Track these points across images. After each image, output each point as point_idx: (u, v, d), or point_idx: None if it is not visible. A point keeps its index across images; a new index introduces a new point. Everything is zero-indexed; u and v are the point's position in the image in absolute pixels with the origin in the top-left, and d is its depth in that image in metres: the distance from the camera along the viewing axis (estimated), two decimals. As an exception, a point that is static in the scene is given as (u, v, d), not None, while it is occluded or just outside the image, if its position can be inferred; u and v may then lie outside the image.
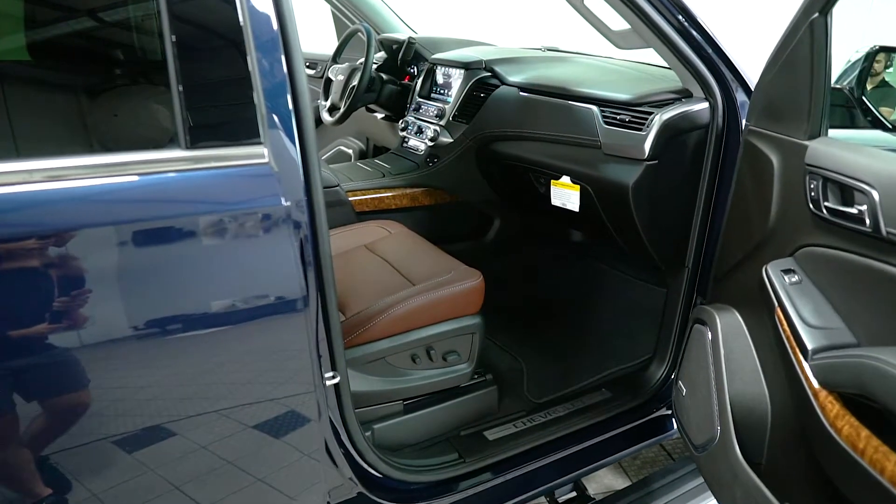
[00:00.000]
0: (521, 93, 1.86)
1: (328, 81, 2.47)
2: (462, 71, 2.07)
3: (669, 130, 1.51)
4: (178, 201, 0.89)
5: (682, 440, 1.57)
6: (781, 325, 1.18)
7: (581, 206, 1.72)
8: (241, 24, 0.92)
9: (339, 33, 2.94)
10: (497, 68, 1.99)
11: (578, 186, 1.69)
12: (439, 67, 2.21)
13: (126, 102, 0.97)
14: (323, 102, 2.46)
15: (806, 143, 1.18)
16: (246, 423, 1.04)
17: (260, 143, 0.93)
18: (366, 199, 1.95)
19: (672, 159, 1.55)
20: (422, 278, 1.54)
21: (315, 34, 3.63)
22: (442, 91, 2.19)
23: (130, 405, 0.93)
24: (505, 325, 2.02)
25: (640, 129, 1.53)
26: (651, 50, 1.57)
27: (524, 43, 2.53)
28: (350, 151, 3.04)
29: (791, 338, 1.15)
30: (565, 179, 1.73)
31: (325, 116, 2.41)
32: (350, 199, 1.92)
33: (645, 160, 1.52)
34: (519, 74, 1.93)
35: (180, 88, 0.88)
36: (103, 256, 0.85)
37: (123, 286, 0.86)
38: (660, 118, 1.50)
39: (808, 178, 1.15)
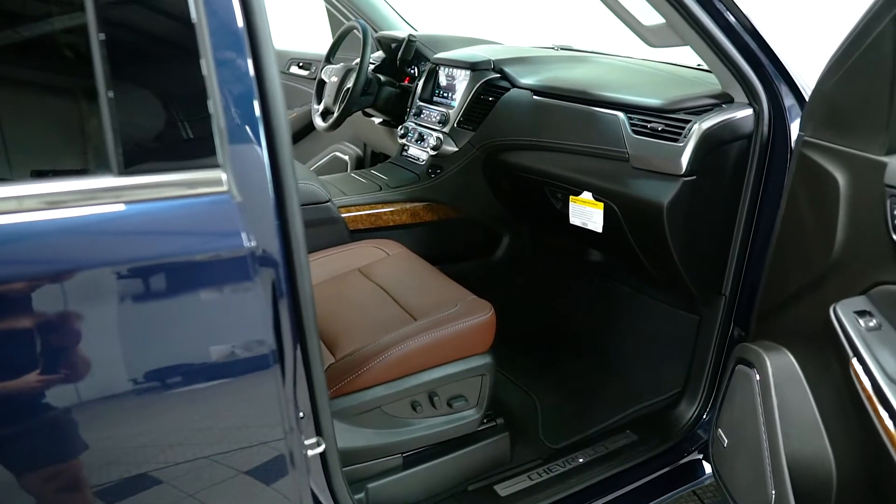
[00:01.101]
0: (535, 96, 1.66)
1: (321, 83, 2.27)
2: (468, 72, 1.87)
3: (710, 141, 1.31)
4: (105, 245, 0.68)
5: (721, 495, 1.37)
6: (857, 378, 0.98)
7: (604, 226, 1.51)
8: (194, 17, 0.72)
9: (334, 31, 2.74)
10: (507, 69, 1.79)
11: (602, 204, 1.49)
12: (442, 68, 2.01)
13: (41, 114, 0.78)
14: (315, 106, 2.26)
15: (884, 159, 0.98)
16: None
17: (217, 166, 0.73)
18: (360, 215, 1.74)
19: (711, 174, 1.35)
20: (424, 312, 1.34)
21: (309, 32, 3.44)
22: (445, 94, 1.98)
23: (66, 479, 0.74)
24: (515, 355, 1.81)
25: (675, 140, 1.33)
26: (681, 49, 1.38)
27: (532, 42, 2.32)
28: (346, 158, 2.84)
29: (872, 395, 0.95)
30: (586, 196, 1.52)
31: (318, 122, 2.21)
32: (343, 215, 1.71)
33: (682, 176, 1.31)
34: (532, 76, 1.72)
35: (111, 95, 0.68)
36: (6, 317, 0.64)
37: (30, 351, 0.66)
38: (699, 127, 1.30)
39: (889, 201, 0.95)
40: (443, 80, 2.01)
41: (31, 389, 0.67)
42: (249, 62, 0.77)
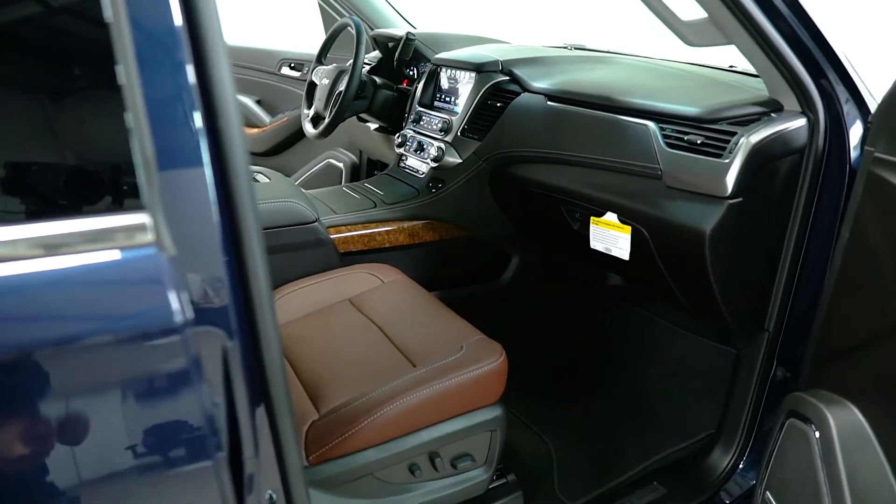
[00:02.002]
0: (549, 102, 1.46)
1: (311, 86, 2.08)
2: (473, 74, 1.67)
3: (759, 158, 1.11)
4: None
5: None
6: None
7: (630, 253, 1.31)
8: (109, 15, 0.53)
9: (327, 29, 2.54)
10: (517, 71, 1.59)
11: (629, 228, 1.29)
12: (444, 70, 1.81)
13: None
14: (305, 111, 2.07)
15: None
16: None
17: (139, 208, 0.54)
18: (352, 236, 1.54)
19: (759, 196, 1.15)
20: (424, 356, 1.15)
21: (301, 30, 3.24)
22: (448, 98, 1.79)
23: None
24: (526, 391, 1.62)
25: (717, 156, 1.13)
26: (709, 50, 1.19)
27: (540, 42, 2.12)
28: (340, 165, 2.65)
29: None
30: (611, 217, 1.32)
31: (308, 128, 2.01)
32: (332, 236, 1.52)
33: (727, 198, 1.12)
34: (545, 79, 1.53)
35: None
36: None
37: None
38: (747, 141, 1.10)
39: None
40: (444, 83, 1.81)
41: None
42: (190, 67, 0.57)
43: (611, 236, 1.33)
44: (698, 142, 1.16)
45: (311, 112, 2.04)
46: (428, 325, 1.26)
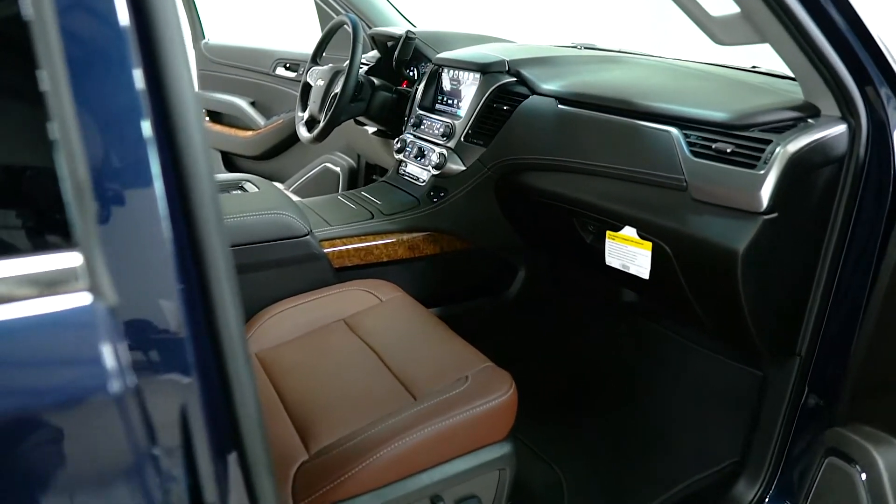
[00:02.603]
0: (561, 105, 1.35)
1: (306, 87, 1.97)
2: (477, 75, 1.56)
3: (798, 169, 1.00)
4: None
5: None
6: None
7: (650, 271, 1.20)
8: (28, 12, 0.42)
9: (323, 28, 2.44)
10: (525, 71, 1.48)
11: (650, 244, 1.18)
12: (446, 70, 1.70)
13: None
14: (300, 114, 1.96)
15: None
16: None
17: (69, 246, 0.43)
18: (348, 249, 1.43)
19: (795, 210, 1.04)
20: (426, 387, 1.04)
21: (298, 29, 3.14)
22: (450, 101, 1.68)
23: None
24: (534, 414, 1.51)
25: (750, 166, 1.02)
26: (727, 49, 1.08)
27: (542, 42, 2.01)
28: (337, 170, 2.54)
29: None
30: (629, 232, 1.21)
31: (302, 132, 1.90)
32: (326, 250, 1.41)
33: (762, 214, 1.01)
34: (556, 80, 1.42)
35: None
36: None
37: None
38: (785, 151, 0.99)
39: None
40: (446, 85, 1.70)
41: None
42: (137, 71, 0.46)
43: (629, 252, 1.22)
44: (728, 150, 1.05)
45: (306, 115, 1.93)
46: (429, 351, 1.15)
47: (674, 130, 1.13)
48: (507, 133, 1.45)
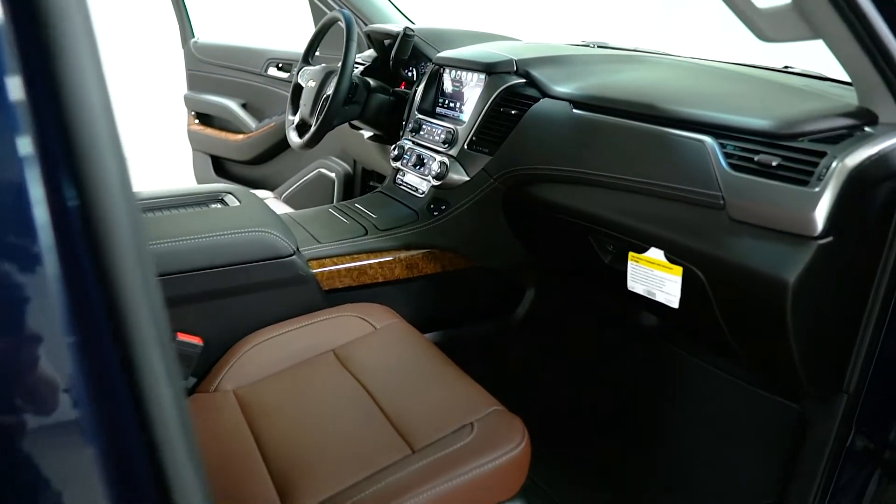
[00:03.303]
0: (576, 110, 1.21)
1: (297, 89, 1.83)
2: (482, 76, 1.42)
3: (857, 185, 0.86)
4: None
5: None
6: None
7: (680, 299, 1.06)
8: None
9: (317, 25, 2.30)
10: (535, 72, 1.33)
11: (680, 269, 1.04)
12: (448, 70, 1.56)
13: None
14: (290, 117, 1.82)
15: None
16: None
17: None
18: (339, 270, 1.29)
19: (851, 232, 0.90)
20: (426, 437, 0.90)
21: (293, 27, 3.00)
22: (452, 104, 1.53)
23: None
24: (545, 450, 1.37)
25: (801, 182, 0.88)
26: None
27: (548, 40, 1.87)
28: (332, 176, 2.40)
29: None
30: (655, 254, 1.07)
31: (292, 137, 1.76)
32: (314, 271, 1.26)
33: (817, 238, 0.87)
34: (570, 81, 1.28)
35: None
36: None
37: None
38: (843, 165, 0.85)
39: None
40: (448, 86, 1.56)
41: None
42: (14, 78, 0.32)
43: (655, 277, 1.08)
44: (773, 164, 0.91)
45: (296, 119, 1.80)
46: (429, 391, 1.01)
47: (708, 140, 0.99)
48: (515, 140, 1.31)
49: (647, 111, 1.08)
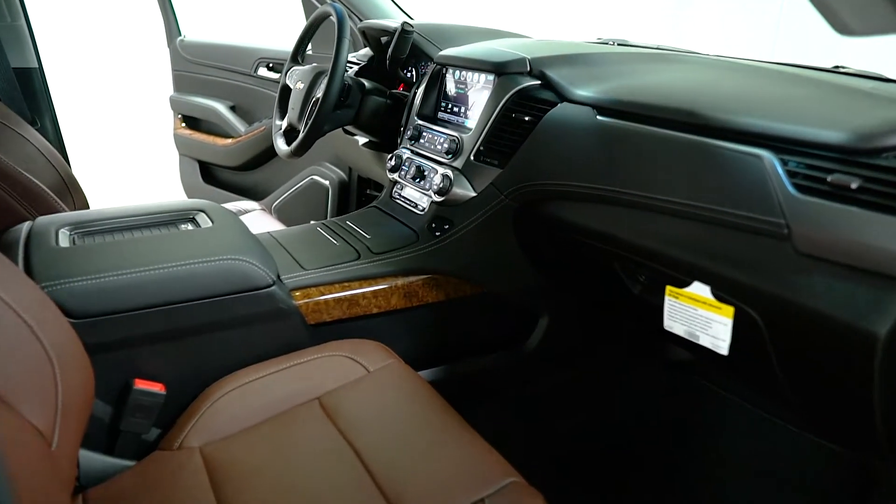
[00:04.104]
0: (601, 117, 1.04)
1: (285, 91, 1.67)
2: (491, 77, 1.25)
3: None
4: None
5: None
6: None
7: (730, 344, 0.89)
8: None
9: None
10: (552, 73, 1.16)
11: (731, 309, 0.87)
12: (452, 70, 1.39)
13: None
14: (278, 122, 1.66)
15: None
16: None
17: None
18: (326, 300, 1.12)
19: None
20: None
21: (288, 24, 2.84)
22: (456, 109, 1.37)
23: None
24: (558, 495, 1.20)
25: (889, 210, 0.71)
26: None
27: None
28: (326, 183, 2.24)
29: None
30: (700, 290, 0.90)
31: (279, 144, 1.60)
32: (298, 302, 1.10)
33: (915, 280, 0.70)
34: (593, 83, 1.11)
35: None
36: None
37: None
38: None
39: None
40: (451, 89, 1.39)
41: None
42: None
43: (699, 318, 0.91)
44: (852, 186, 0.74)
45: (284, 124, 1.63)
46: (432, 455, 0.84)
47: (766, 154, 0.82)
48: (529, 151, 1.14)
49: (689, 119, 0.91)
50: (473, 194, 1.21)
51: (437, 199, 1.24)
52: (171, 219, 1.18)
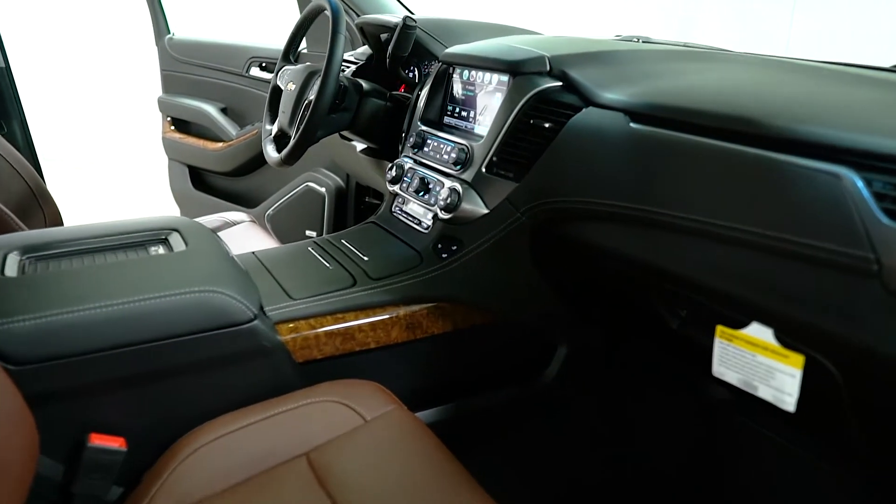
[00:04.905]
0: (635, 124, 0.89)
1: (276, 93, 1.53)
2: (506, 77, 1.10)
3: None
4: None
5: None
6: None
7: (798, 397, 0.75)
8: None
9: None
10: (575, 73, 1.02)
11: (801, 358, 0.72)
12: (459, 70, 1.24)
13: None
14: (268, 127, 1.52)
15: None
16: None
17: None
18: (317, 334, 0.98)
19: None
20: None
21: (283, 20, 2.69)
22: (465, 113, 1.22)
23: None
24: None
25: None
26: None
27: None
28: (322, 191, 2.10)
29: None
30: (759, 333, 0.75)
31: (269, 151, 1.46)
32: (284, 337, 0.95)
33: None
34: (624, 85, 0.96)
35: None
36: None
37: None
38: None
39: None
40: (459, 91, 1.24)
41: None
42: None
43: (758, 366, 0.76)
44: (964, 212, 0.60)
45: (275, 129, 1.49)
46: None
47: (845, 172, 0.67)
48: (550, 162, 0.99)
49: (746, 128, 0.76)
50: (485, 211, 1.06)
51: (444, 216, 1.09)
52: (140, 240, 1.04)
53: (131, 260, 0.96)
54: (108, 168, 4.51)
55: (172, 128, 2.55)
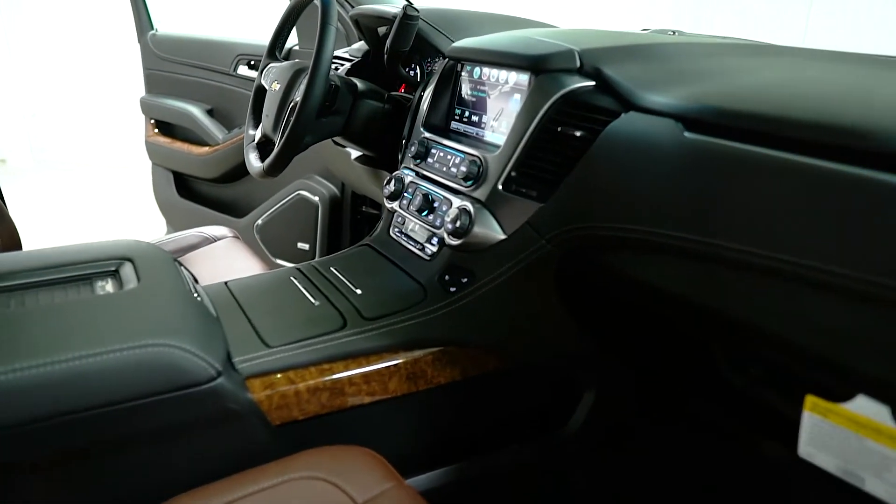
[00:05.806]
0: (691, 133, 0.71)
1: (260, 93, 1.37)
2: (526, 76, 0.92)
3: None
4: None
5: None
6: None
7: None
8: None
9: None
10: (611, 70, 0.84)
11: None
12: (470, 67, 1.06)
13: None
14: (251, 132, 1.35)
15: None
16: None
17: None
18: (297, 390, 0.80)
19: None
20: None
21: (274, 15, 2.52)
22: (475, 118, 1.04)
23: None
24: None
25: None
26: None
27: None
28: (316, 200, 1.93)
29: None
30: (869, 410, 0.58)
31: (251, 160, 1.29)
32: (256, 395, 0.78)
33: None
34: (673, 85, 0.78)
35: None
36: None
37: None
38: None
39: None
40: (468, 92, 1.06)
41: None
42: None
43: (866, 453, 0.59)
44: None
45: (258, 134, 1.32)
46: None
47: None
48: (582, 179, 0.82)
49: (852, 141, 0.59)
50: (502, 237, 0.88)
51: (452, 241, 0.91)
52: (87, 272, 0.86)
53: (73, 302, 0.79)
54: (93, 172, 4.34)
55: (156, 131, 2.38)
